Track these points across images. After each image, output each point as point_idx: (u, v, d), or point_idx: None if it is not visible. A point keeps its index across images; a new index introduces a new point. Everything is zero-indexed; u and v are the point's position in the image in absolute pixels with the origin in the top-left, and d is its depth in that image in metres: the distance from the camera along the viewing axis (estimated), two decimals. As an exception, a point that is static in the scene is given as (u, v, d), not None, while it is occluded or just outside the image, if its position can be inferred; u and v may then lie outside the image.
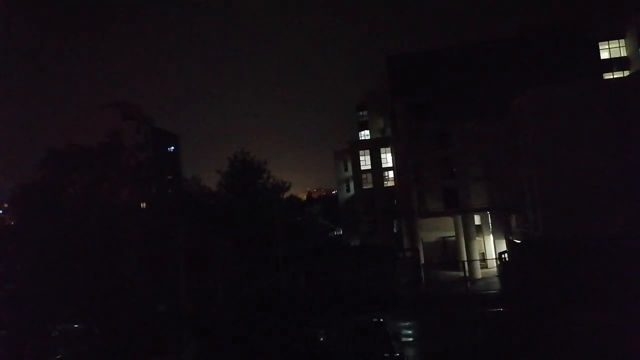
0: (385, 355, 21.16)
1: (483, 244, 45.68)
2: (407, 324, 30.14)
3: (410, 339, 27.32)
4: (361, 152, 60.36)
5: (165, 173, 60.70)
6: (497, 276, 39.11)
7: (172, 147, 71.58)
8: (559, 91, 36.04)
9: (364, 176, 60.39)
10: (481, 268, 42.82)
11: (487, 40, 46.89)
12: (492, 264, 43.18)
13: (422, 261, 42.57)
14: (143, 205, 35.76)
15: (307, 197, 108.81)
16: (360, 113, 71.41)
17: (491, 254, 44.15)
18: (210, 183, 44.76)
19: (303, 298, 33.58)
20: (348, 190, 65.68)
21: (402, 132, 47.04)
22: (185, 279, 28.73)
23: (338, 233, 72.68)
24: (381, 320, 24.55)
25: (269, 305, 30.89)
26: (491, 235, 44.54)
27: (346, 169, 65.35)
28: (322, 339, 23.67)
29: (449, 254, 48.50)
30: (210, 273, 31.47)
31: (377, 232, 57.15)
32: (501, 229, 42.93)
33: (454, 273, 42.09)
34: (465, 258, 42.08)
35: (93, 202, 29.22)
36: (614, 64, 40.84)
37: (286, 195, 48.33)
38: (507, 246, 40.84)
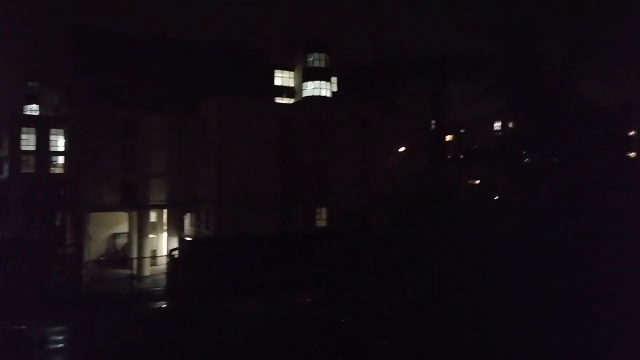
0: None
1: (156, 242, 45.41)
2: (60, 328, 26.83)
3: (61, 345, 24.40)
4: (24, 129, 50.78)
5: None
6: (165, 273, 39.47)
7: None
8: (241, 103, 39.99)
9: (24, 158, 50.85)
10: (152, 265, 42.38)
11: (186, 39, 47.49)
12: (163, 262, 43.38)
13: (87, 258, 38.87)
14: None
15: None
16: (30, 84, 60.26)
17: (163, 251, 44.31)
18: None
19: None
20: (0, 172, 53.83)
21: (82, 115, 42.02)
22: None
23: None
24: (23, 327, 21.00)
25: None
26: (165, 232, 44.78)
27: (1, 147, 53.52)
28: None
29: (119, 252, 46.02)
30: None
31: (34, 224, 48.90)
32: (176, 226, 43.70)
33: (123, 271, 40.19)
34: (135, 255, 40.82)
35: None
36: (284, 90, 48.32)
37: None
38: (179, 244, 41.91)
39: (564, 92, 9.04)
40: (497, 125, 73.63)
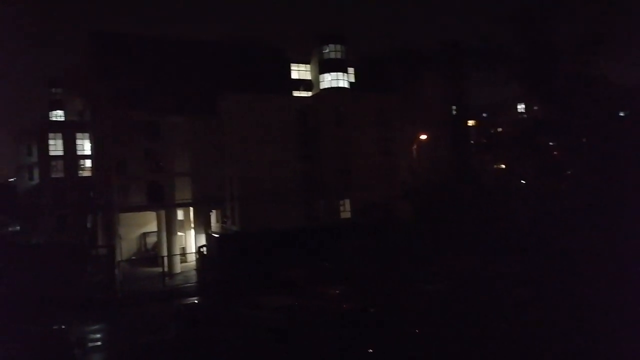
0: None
1: (184, 239, 46.29)
2: (97, 327, 27.73)
3: (99, 343, 25.22)
4: (51, 134, 52.28)
5: None
6: (195, 270, 40.27)
7: None
8: (260, 100, 40.21)
9: (53, 163, 52.41)
10: (181, 262, 43.26)
11: (200, 39, 47.90)
12: (192, 258, 44.26)
13: (119, 258, 39.93)
14: None
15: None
16: (53, 90, 61.76)
17: (192, 248, 45.15)
18: None
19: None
20: (31, 178, 55.61)
21: (105, 118, 42.93)
22: None
23: (14, 229, 60.54)
24: (63, 327, 21.81)
25: None
26: (192, 230, 45.57)
27: (30, 154, 55.24)
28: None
29: (149, 250, 47.10)
30: None
31: (66, 227, 50.46)
32: (203, 224, 44.44)
33: (154, 269, 41.11)
34: (165, 253, 41.69)
35: None
36: (302, 84, 48.20)
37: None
38: (207, 240, 42.64)
39: (581, 76, 8.84)
40: (521, 107, 72.08)
